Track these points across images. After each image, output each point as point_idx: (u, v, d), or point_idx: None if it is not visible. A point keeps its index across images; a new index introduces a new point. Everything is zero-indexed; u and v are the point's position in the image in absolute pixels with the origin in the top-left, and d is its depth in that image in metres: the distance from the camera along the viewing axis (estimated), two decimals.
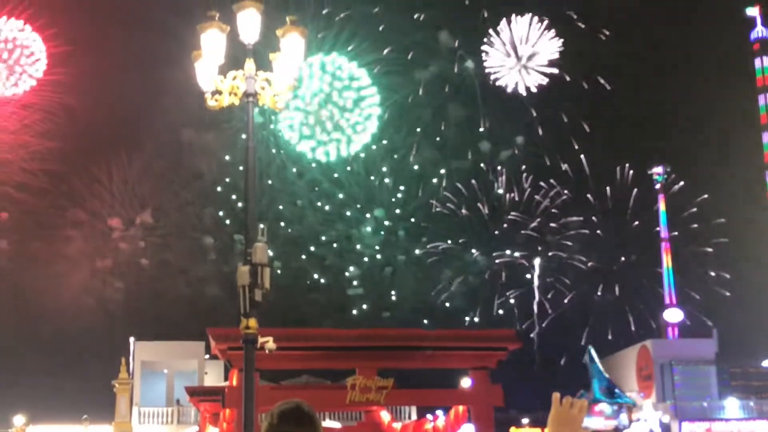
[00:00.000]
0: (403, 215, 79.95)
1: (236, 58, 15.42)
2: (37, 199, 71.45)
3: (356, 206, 79.61)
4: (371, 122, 79.96)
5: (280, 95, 15.55)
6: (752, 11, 72.22)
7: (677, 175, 74.54)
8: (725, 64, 71.72)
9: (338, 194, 79.38)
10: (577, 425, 4.09)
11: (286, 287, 62.67)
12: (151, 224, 77.56)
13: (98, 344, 61.31)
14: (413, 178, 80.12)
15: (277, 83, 15.50)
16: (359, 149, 79.99)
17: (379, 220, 79.78)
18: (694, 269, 74.39)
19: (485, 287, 78.52)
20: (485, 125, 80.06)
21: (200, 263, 76.23)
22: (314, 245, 78.68)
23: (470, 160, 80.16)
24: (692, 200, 76.50)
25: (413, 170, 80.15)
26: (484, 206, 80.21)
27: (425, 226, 79.77)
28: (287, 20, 15.45)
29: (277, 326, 29.21)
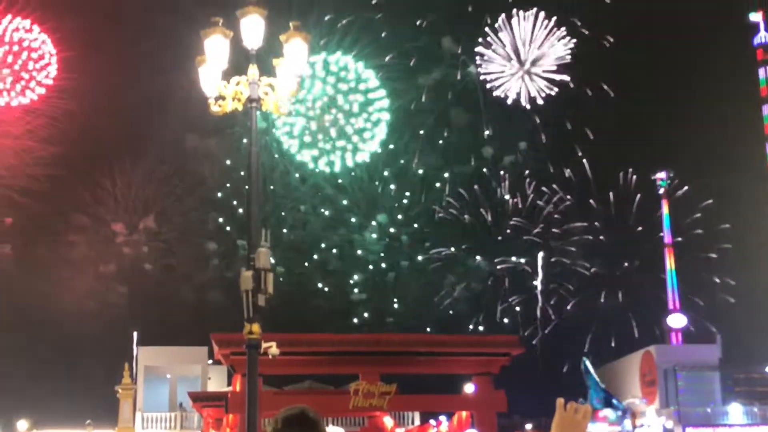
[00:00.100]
0: (406, 221, 79.79)
1: (239, 63, 15.44)
2: (40, 204, 71.46)
3: (359, 212, 79.35)
4: (379, 128, 74.63)
5: (283, 100, 15.58)
6: (755, 17, 72.36)
7: (681, 180, 74.48)
8: (729, 69, 71.66)
9: (341, 200, 79.09)
10: (581, 431, 4.09)
11: (289, 292, 62.60)
12: (154, 229, 77.60)
13: (101, 349, 61.30)
14: (416, 183, 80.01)
15: (280, 89, 15.51)
16: (368, 159, 75.29)
17: (382, 225, 79.51)
18: (698, 275, 74.22)
19: (488, 293, 78.44)
20: (488, 130, 79.83)
21: (203, 268, 76.29)
22: (317, 251, 78.62)
23: (473, 165, 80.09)
24: (696, 206, 76.38)
25: (416, 176, 79.99)
26: (487, 212, 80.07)
27: (428, 231, 79.64)
28: (290, 26, 15.46)
29: (280, 331, 29.19)
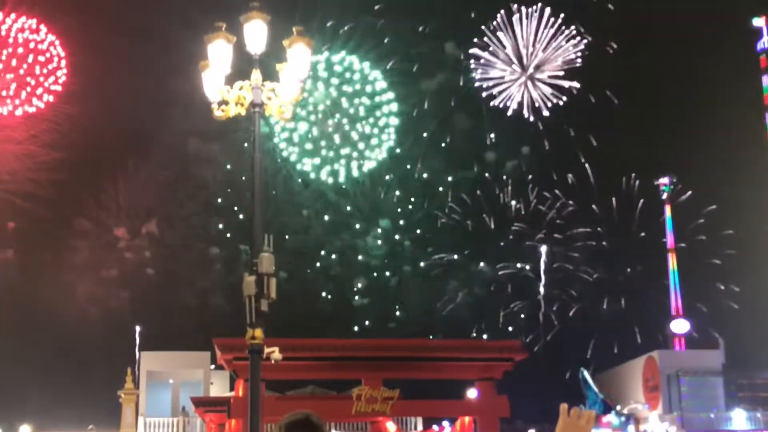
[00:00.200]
0: (408, 226, 79.73)
1: (243, 68, 15.45)
2: (43, 209, 71.46)
3: (362, 217, 79.28)
4: (387, 134, 70.17)
5: (286, 105, 15.59)
6: (758, 22, 72.31)
7: (684, 185, 74.37)
8: (732, 74, 71.65)
9: (344, 205, 79.03)
10: None
11: (291, 297, 62.59)
12: (156, 234, 77.66)
13: (104, 354, 61.34)
14: (419, 189, 79.97)
15: (283, 93, 15.52)
16: (374, 167, 71.21)
17: (384, 231, 79.44)
18: (701, 281, 74.08)
19: (491, 299, 78.36)
20: (493, 133, 79.70)
21: (206, 273, 76.29)
22: (320, 256, 78.62)
23: (476, 171, 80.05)
24: (700, 211, 76.25)
25: (419, 181, 79.96)
26: (489, 217, 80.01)
27: (430, 237, 79.60)
28: (293, 30, 15.47)
29: (282, 336, 29.17)
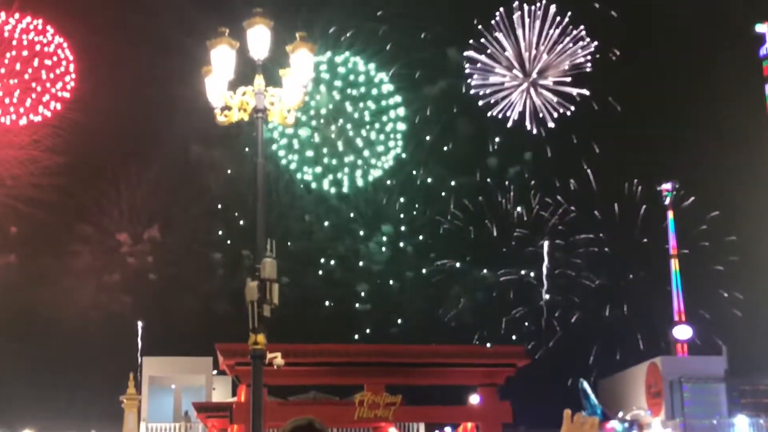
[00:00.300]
0: (410, 232, 79.71)
1: (246, 74, 15.47)
2: (45, 213, 71.41)
3: (364, 222, 79.25)
4: (394, 140, 67.48)
5: (289, 110, 15.60)
6: (762, 27, 72.31)
7: (687, 191, 74.26)
8: (735, 79, 71.60)
9: (346, 211, 78.99)
10: None
11: (293, 303, 62.56)
12: (159, 239, 77.64)
13: (106, 359, 61.31)
14: (421, 194, 79.95)
15: (286, 99, 15.54)
16: (380, 174, 68.62)
17: (387, 236, 79.42)
18: (704, 287, 73.92)
19: (493, 305, 78.25)
20: (497, 137, 79.60)
21: (208, 278, 76.23)
22: (322, 261, 78.58)
23: (478, 177, 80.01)
24: (702, 217, 76.14)
25: (421, 187, 79.93)
26: (492, 224, 79.97)
27: (432, 243, 79.54)
28: (296, 36, 15.49)
29: (285, 342, 29.17)
